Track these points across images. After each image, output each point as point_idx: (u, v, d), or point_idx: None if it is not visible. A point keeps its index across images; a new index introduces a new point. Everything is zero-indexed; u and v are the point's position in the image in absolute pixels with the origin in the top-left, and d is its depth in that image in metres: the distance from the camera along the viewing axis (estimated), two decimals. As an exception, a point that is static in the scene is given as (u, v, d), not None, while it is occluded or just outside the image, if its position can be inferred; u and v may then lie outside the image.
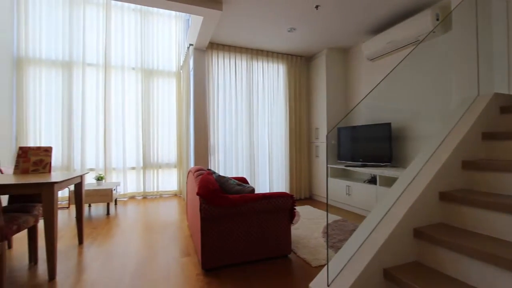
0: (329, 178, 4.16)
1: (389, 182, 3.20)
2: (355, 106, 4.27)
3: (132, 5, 4.79)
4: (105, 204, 4.20)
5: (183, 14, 5.06)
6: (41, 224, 3.10)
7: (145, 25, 4.87)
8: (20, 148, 2.46)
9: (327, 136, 2.04)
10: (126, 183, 4.68)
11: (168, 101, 4.99)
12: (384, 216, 1.60)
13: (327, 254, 2.12)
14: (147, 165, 4.82)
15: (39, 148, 2.50)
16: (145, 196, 4.80)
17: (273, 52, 4.56)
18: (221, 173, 4.18)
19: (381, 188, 3.18)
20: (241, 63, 4.36)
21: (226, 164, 4.23)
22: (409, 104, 3.34)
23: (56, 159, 4.33)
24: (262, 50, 4.48)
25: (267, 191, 4.51)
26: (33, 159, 2.46)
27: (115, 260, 2.20)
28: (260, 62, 4.51)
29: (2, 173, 2.43)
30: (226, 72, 4.26)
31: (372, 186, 3.34)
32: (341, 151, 4.11)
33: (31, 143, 4.20)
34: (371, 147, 3.56)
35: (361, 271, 1.35)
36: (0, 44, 3.80)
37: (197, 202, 2.09)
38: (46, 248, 1.86)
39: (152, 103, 4.87)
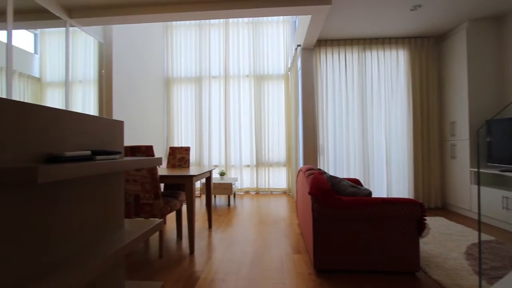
0: (480, 186, 3.27)
1: None
2: (517, 91, 3.17)
3: (246, 19, 5.33)
4: (226, 196, 4.84)
5: (290, 17, 5.21)
6: (183, 208, 3.89)
7: (256, 35, 5.30)
8: (170, 148, 3.17)
9: (478, 131, 1.60)
10: (242, 179, 5.24)
11: (277, 103, 5.26)
12: None
13: (480, 284, 1.66)
14: (260, 163, 5.23)
15: (181, 147, 3.14)
16: (257, 192, 5.23)
17: (390, 38, 4.01)
18: (331, 174, 4.03)
19: None
20: (351, 56, 4.06)
21: (337, 164, 4.04)
22: None
23: (191, 156, 5.35)
24: (376, 38, 4.02)
25: (384, 195, 4.00)
26: (178, 156, 3.12)
27: (236, 245, 2.48)
28: (374, 52, 4.06)
29: (159, 166, 3.21)
30: (335, 68, 4.07)
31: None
32: (493, 151, 3.14)
33: (175, 144, 5.36)
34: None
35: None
36: (156, 68, 5.06)
37: (308, 202, 2.08)
38: (188, 227, 2.31)
39: (263, 106, 5.25)
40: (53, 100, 3.47)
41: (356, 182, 2.92)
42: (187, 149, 3.12)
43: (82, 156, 0.85)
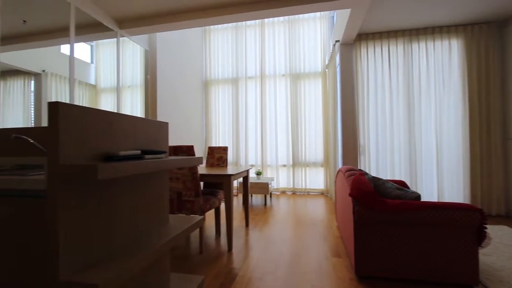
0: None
1: None
2: None
3: (281, 18, 5.29)
4: (263, 195, 4.87)
5: (328, 12, 5.04)
6: (222, 206, 4.01)
7: (292, 33, 5.23)
8: (209, 147, 3.28)
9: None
10: (279, 179, 5.22)
11: (314, 101, 5.13)
12: None
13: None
14: (296, 163, 5.16)
15: (220, 147, 3.24)
16: (294, 192, 5.16)
17: (441, 27, 3.65)
18: (373, 175, 3.81)
19: None
20: (395, 49, 3.79)
21: (379, 165, 3.80)
22: None
23: (228, 156, 5.48)
24: (425, 28, 3.69)
25: (435, 199, 3.66)
26: (217, 156, 3.22)
27: (273, 245, 2.47)
28: (422, 43, 3.73)
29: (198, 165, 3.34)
30: (377, 63, 3.83)
31: None
32: None
33: (213, 144, 5.54)
34: None
35: None
36: (195, 71, 5.29)
37: (349, 204, 1.99)
38: (226, 224, 2.37)
39: (300, 105, 5.17)
40: (106, 104, 3.83)
41: (402, 184, 2.72)
42: (225, 149, 3.20)
43: (133, 155, 0.92)
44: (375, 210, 1.77)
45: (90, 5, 2.97)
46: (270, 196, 4.75)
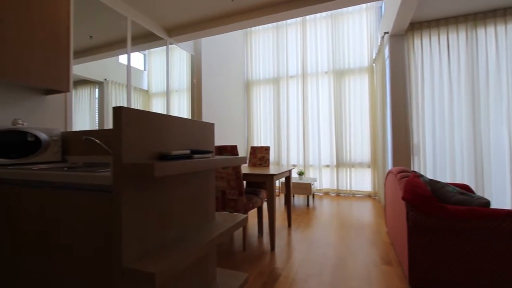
0: None
1: None
2: None
3: (324, 13, 5.12)
4: (305, 196, 4.78)
5: (375, 3, 4.73)
6: (264, 206, 4.04)
7: (336, 28, 5.03)
8: (251, 147, 3.33)
9: None
10: (322, 180, 5.06)
11: (360, 98, 4.85)
12: None
13: None
14: (340, 163, 4.94)
15: (262, 147, 3.26)
16: (338, 194, 4.96)
17: (515, 8, 3.15)
18: (430, 178, 3.45)
19: None
20: (456, 37, 3.38)
21: (437, 166, 3.44)
22: None
23: (270, 155, 5.50)
24: (493, 10, 3.23)
25: (508, 207, 3.17)
26: (259, 155, 3.25)
27: (317, 247, 2.41)
28: (490, 28, 3.27)
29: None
30: (433, 54, 3.47)
31: None
32: None
33: (255, 143, 5.61)
34: None
35: None
36: (237, 72, 5.42)
37: (402, 208, 1.83)
38: (269, 224, 2.38)
39: (344, 102, 4.94)
40: (157, 107, 4.15)
41: (465, 188, 2.42)
42: (267, 149, 3.22)
43: (184, 154, 0.98)
44: (433, 216, 1.60)
45: (143, 17, 3.25)
46: (313, 197, 4.64)
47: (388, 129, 3.77)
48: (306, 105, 5.22)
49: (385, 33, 3.70)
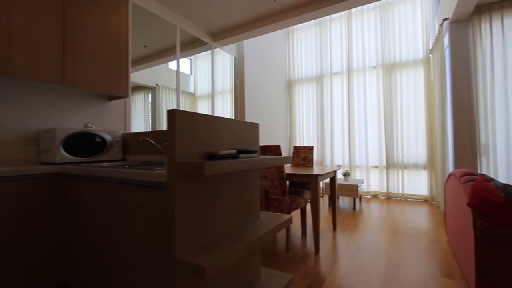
0: None
1: None
2: None
3: (371, 4, 4.81)
4: (351, 198, 4.55)
5: (431, -13, 4.27)
6: (308, 206, 3.96)
7: (385, 19, 4.68)
8: (294, 147, 3.29)
9: None
10: (369, 181, 4.76)
11: (414, 94, 4.44)
12: None
13: None
14: (391, 164, 4.59)
15: (305, 147, 3.20)
16: (388, 197, 4.61)
17: None
18: (503, 182, 3.00)
19: None
20: (537, 17, 2.88)
21: (511, 169, 2.97)
22: None
23: (313, 155, 5.36)
24: None
25: None
26: (302, 155, 3.20)
27: (365, 253, 2.27)
28: None
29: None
30: (507, 41, 3.00)
31: None
32: None
33: (297, 143, 5.53)
34: None
35: None
36: (279, 72, 5.40)
37: (467, 216, 1.62)
38: (313, 226, 2.32)
39: (395, 99, 4.57)
40: (202, 109, 4.36)
41: (550, 195, 2.04)
42: (310, 149, 3.14)
43: (231, 154, 1.00)
44: (507, 226, 1.39)
45: (190, 25, 3.44)
46: (360, 200, 4.39)
47: (448, 127, 3.38)
48: (351, 103, 4.96)
49: (444, 19, 3.32)
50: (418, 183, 4.41)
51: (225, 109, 4.30)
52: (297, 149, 3.26)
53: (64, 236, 1.60)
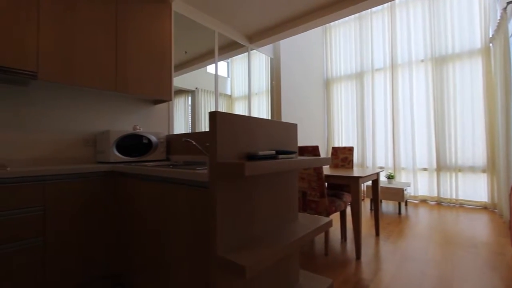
0: None
1: None
2: None
3: (418, -7, 4.43)
4: (395, 203, 4.25)
5: (491, -32, 3.79)
6: (348, 210, 3.80)
7: (434, 8, 4.28)
8: (333, 148, 3.18)
9: None
10: (417, 185, 4.40)
11: (470, 88, 3.98)
12: None
13: None
14: (442, 167, 4.18)
15: (344, 148, 3.07)
16: (439, 202, 4.20)
17: None
18: None
19: None
20: None
21: None
22: None
23: (353, 156, 5.12)
24: None
25: None
26: (341, 156, 3.07)
27: (412, 263, 2.10)
28: None
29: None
30: None
31: None
32: None
33: (336, 143, 5.33)
34: None
35: None
36: (317, 70, 5.27)
37: (542, 227, 1.40)
38: (354, 230, 2.21)
39: (447, 94, 4.15)
40: (239, 110, 4.43)
41: None
42: (350, 149, 3.01)
43: (270, 155, 1.00)
44: None
45: (227, 28, 3.53)
46: (406, 204, 4.07)
47: (514, 124, 2.96)
48: (396, 100, 4.63)
49: (509, 2, 2.92)
50: (475, 188, 3.94)
51: (261, 110, 4.33)
52: (336, 150, 3.15)
53: (118, 230, 1.76)
